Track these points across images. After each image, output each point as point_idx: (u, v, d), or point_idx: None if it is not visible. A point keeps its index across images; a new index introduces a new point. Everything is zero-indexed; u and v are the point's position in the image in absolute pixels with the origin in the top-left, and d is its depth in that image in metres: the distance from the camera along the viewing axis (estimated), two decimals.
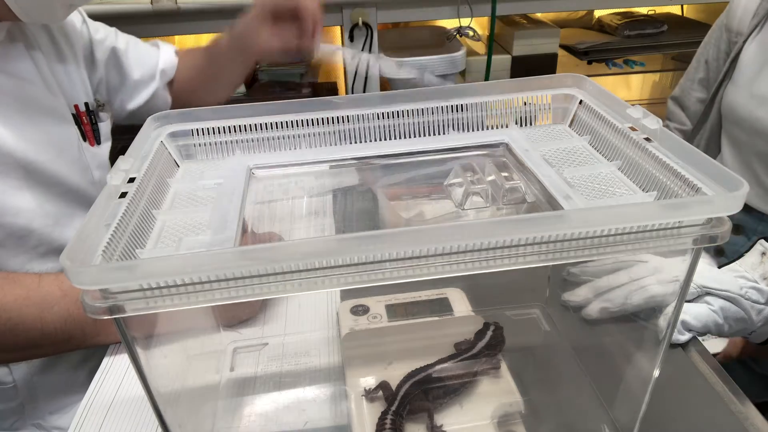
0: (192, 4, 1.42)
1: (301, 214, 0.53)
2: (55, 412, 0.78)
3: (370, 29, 1.55)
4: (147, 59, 0.91)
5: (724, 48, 0.99)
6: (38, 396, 0.76)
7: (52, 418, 0.77)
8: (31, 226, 0.71)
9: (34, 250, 0.72)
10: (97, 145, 0.83)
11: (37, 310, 0.60)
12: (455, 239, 0.35)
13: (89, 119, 0.82)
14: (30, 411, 0.76)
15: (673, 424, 0.53)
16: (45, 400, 0.77)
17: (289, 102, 0.52)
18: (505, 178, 0.47)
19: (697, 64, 1.04)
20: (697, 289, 0.59)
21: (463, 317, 0.65)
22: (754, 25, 0.92)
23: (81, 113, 0.80)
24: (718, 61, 1.00)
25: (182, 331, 0.53)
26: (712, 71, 1.02)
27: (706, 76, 1.03)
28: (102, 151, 0.84)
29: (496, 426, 0.53)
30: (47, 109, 0.74)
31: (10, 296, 0.59)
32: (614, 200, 0.42)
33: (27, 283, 0.61)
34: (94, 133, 0.82)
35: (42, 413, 0.77)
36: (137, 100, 0.91)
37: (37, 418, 0.77)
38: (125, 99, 0.90)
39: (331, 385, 0.59)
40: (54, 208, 0.74)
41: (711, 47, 1.02)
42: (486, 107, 0.54)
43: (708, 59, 1.02)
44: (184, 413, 0.48)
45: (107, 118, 0.86)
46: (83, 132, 0.81)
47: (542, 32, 1.72)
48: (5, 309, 0.59)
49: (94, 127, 0.82)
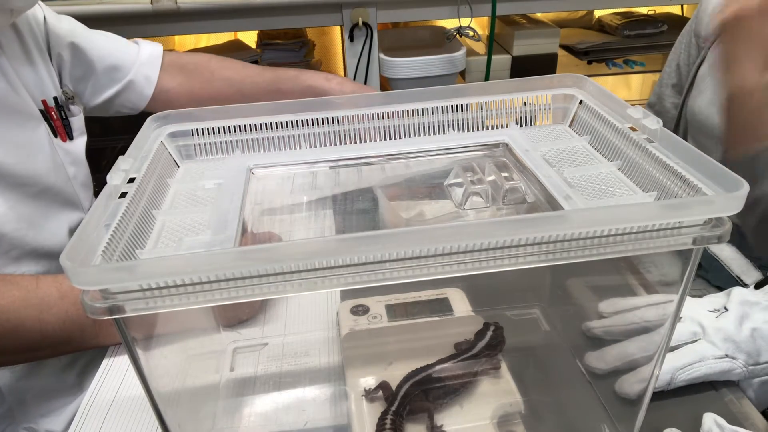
0: (192, 4, 1.42)
1: (301, 214, 0.53)
2: (47, 415, 0.76)
3: (370, 29, 1.55)
4: (117, 53, 0.89)
5: (693, 53, 0.97)
6: (27, 400, 0.75)
7: (44, 421, 0.76)
8: (1, 230, 0.68)
9: (6, 255, 0.70)
10: (70, 141, 0.81)
11: (35, 311, 0.59)
12: (455, 239, 0.35)
13: (59, 114, 0.79)
14: (20, 415, 0.75)
15: (673, 424, 0.53)
16: (34, 404, 0.75)
17: (289, 102, 0.52)
18: (505, 178, 0.47)
19: (670, 69, 1.02)
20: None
21: (463, 317, 0.65)
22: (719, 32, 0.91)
23: (50, 108, 0.78)
24: (689, 66, 0.97)
25: (182, 331, 0.53)
26: (684, 76, 0.99)
27: (679, 81, 1.00)
28: (76, 147, 0.82)
29: (496, 426, 0.53)
30: (12, 109, 0.72)
31: (8, 298, 0.59)
32: (614, 200, 0.42)
33: (24, 284, 0.60)
34: (65, 128, 0.80)
35: (33, 416, 0.76)
36: (104, 94, 0.89)
37: (28, 422, 0.76)
38: (91, 92, 0.88)
39: (331, 385, 0.59)
40: (27, 210, 0.72)
41: (682, 52, 0.99)
42: (486, 107, 0.54)
43: (680, 63, 1.00)
44: (184, 413, 0.48)
45: (79, 112, 0.84)
46: (54, 128, 0.78)
47: (542, 32, 1.72)
48: (4, 311, 0.58)
49: (65, 122, 0.80)
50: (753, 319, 0.56)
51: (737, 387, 0.57)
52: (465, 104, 0.54)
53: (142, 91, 0.91)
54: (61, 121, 0.80)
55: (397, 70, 1.58)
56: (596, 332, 0.57)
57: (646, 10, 1.90)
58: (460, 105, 0.54)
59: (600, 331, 0.57)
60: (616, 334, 0.55)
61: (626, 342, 0.54)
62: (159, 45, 0.94)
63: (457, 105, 0.54)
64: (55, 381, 0.77)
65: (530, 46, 1.71)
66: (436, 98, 0.53)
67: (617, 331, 0.55)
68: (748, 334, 0.55)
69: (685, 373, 0.55)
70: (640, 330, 0.52)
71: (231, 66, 0.96)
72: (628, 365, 0.53)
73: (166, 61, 0.94)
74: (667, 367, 0.54)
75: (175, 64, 0.94)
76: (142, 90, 0.91)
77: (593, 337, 0.57)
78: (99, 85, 0.88)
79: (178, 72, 0.94)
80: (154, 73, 0.91)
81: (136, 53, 0.91)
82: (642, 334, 0.52)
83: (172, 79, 0.94)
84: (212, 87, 0.94)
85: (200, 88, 0.95)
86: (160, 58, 0.93)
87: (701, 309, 0.58)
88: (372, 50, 1.58)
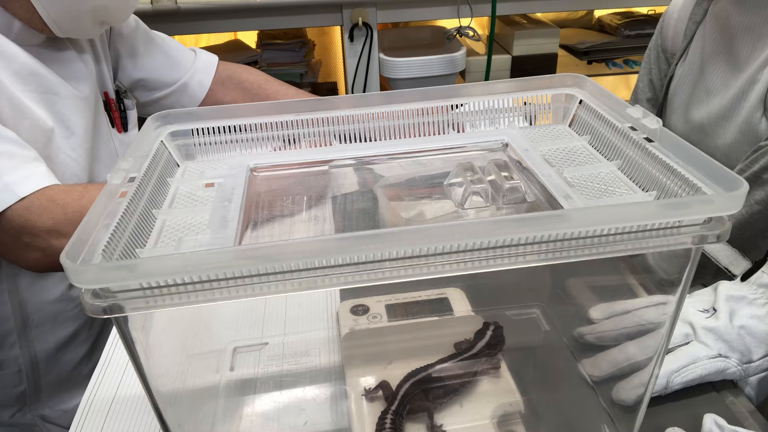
0: (192, 4, 1.42)
1: (301, 213, 0.53)
2: (56, 406, 0.79)
3: (370, 29, 1.55)
4: (174, 55, 0.93)
5: (664, 67, 0.95)
6: (42, 387, 0.77)
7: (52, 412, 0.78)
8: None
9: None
10: (125, 132, 0.85)
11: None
12: (455, 238, 0.35)
13: (117, 106, 0.84)
14: (32, 402, 0.77)
15: (674, 424, 0.53)
16: (47, 392, 0.78)
17: (289, 102, 0.52)
18: (505, 178, 0.47)
19: (643, 84, 1.00)
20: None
21: (463, 317, 0.65)
22: (684, 48, 0.88)
23: (110, 100, 0.83)
24: (661, 80, 0.96)
25: (182, 330, 0.53)
26: (658, 90, 0.97)
27: (654, 95, 0.99)
28: (129, 139, 0.86)
29: (496, 426, 0.53)
30: (91, 98, 0.77)
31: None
32: (614, 200, 0.42)
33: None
34: (122, 119, 0.85)
35: (44, 406, 0.78)
36: (157, 93, 0.93)
37: (38, 410, 0.78)
38: (144, 90, 0.92)
39: (331, 385, 0.59)
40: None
41: (653, 67, 0.97)
42: (486, 107, 0.54)
43: (653, 79, 0.98)
44: (184, 413, 0.48)
45: (133, 106, 0.88)
46: (112, 119, 0.83)
47: (542, 32, 1.72)
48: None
49: (122, 114, 0.85)
50: (740, 315, 0.56)
51: (737, 387, 0.57)
52: (465, 104, 0.54)
53: (195, 94, 0.95)
54: (119, 113, 0.84)
55: (397, 70, 1.58)
56: (588, 339, 0.57)
57: (646, 10, 1.91)
58: (459, 105, 0.54)
59: (592, 337, 0.57)
60: (608, 339, 0.55)
61: (622, 346, 0.54)
62: (215, 55, 0.98)
63: (457, 105, 0.54)
64: (70, 371, 0.78)
65: (530, 46, 1.71)
66: (435, 98, 0.53)
67: (610, 336, 0.55)
68: (737, 332, 0.55)
69: (681, 376, 0.54)
70: (637, 333, 0.52)
71: (287, 92, 0.99)
72: (624, 370, 0.53)
73: (224, 75, 0.97)
74: (662, 371, 0.54)
75: (233, 79, 0.98)
76: (194, 93, 0.95)
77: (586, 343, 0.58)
78: (153, 84, 0.92)
79: (235, 87, 0.98)
80: (207, 79, 0.95)
81: (193, 59, 0.95)
82: (639, 337, 0.52)
83: (227, 93, 0.97)
84: None
85: None
86: (215, 66, 0.96)
87: (691, 308, 0.58)
88: (372, 50, 1.58)
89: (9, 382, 0.76)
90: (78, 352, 0.80)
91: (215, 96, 0.96)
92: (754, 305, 0.56)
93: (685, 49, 0.88)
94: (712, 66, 0.82)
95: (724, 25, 0.81)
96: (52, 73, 0.72)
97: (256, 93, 0.98)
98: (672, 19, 0.92)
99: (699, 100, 0.84)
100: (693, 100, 0.86)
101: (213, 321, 0.65)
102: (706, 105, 0.83)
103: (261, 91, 0.98)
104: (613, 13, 1.95)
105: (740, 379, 0.57)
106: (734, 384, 0.57)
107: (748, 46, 0.77)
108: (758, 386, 0.58)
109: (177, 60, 0.93)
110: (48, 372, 0.78)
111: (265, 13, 1.50)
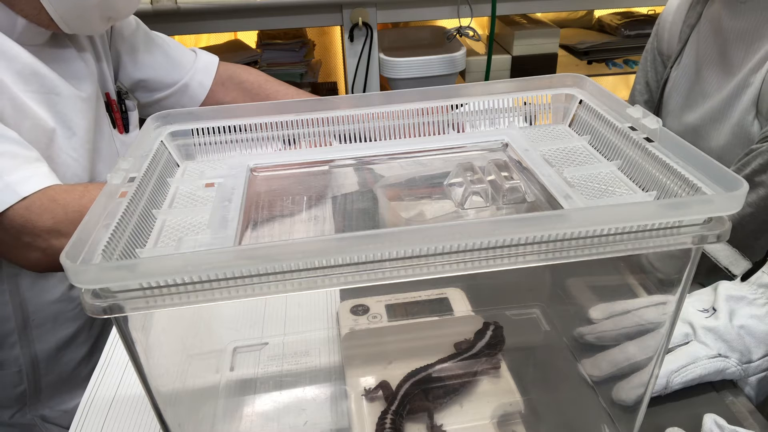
0: (192, 4, 1.42)
1: (301, 213, 0.53)
2: (56, 406, 0.79)
3: (370, 29, 1.55)
4: (174, 56, 0.93)
5: (660, 70, 0.95)
6: (42, 387, 0.77)
7: (53, 413, 0.79)
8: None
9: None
10: (126, 133, 0.85)
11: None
12: (455, 238, 0.35)
13: (119, 107, 0.84)
14: (32, 402, 0.77)
15: (674, 424, 0.53)
16: (47, 393, 0.78)
17: (289, 102, 0.52)
18: (505, 178, 0.47)
19: (640, 86, 0.99)
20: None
21: (463, 317, 0.65)
22: (679, 51, 0.88)
23: (112, 101, 0.83)
24: (657, 83, 0.96)
25: (182, 330, 0.53)
26: (654, 92, 0.97)
27: (651, 98, 0.98)
28: (130, 140, 0.86)
29: (496, 426, 0.53)
30: (93, 98, 0.77)
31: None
32: (614, 200, 0.42)
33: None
34: (123, 120, 0.85)
35: (43, 406, 0.78)
36: (158, 93, 0.93)
37: (37, 411, 0.78)
38: (145, 90, 0.92)
39: (331, 385, 0.59)
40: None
41: (649, 70, 0.97)
42: (486, 107, 0.54)
43: (649, 81, 0.98)
44: (184, 413, 0.48)
45: (134, 107, 0.88)
46: (114, 120, 0.83)
47: (542, 32, 1.72)
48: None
49: (123, 115, 0.85)
50: (739, 315, 0.56)
51: (737, 387, 0.57)
52: (465, 104, 0.54)
53: (195, 95, 0.95)
54: (120, 114, 0.84)
55: (397, 70, 1.58)
56: (588, 339, 0.57)
57: (646, 10, 1.91)
58: (459, 105, 0.54)
59: (592, 337, 0.57)
60: (608, 339, 0.55)
61: (622, 346, 0.53)
62: (215, 56, 0.98)
63: (457, 105, 0.54)
64: (70, 371, 0.79)
65: (530, 46, 1.71)
66: (435, 98, 0.53)
67: (610, 336, 0.55)
68: (737, 332, 0.55)
69: (680, 375, 0.54)
70: (637, 333, 0.52)
71: (287, 92, 0.99)
72: (624, 370, 0.53)
73: (225, 75, 0.97)
74: (661, 371, 0.54)
75: (234, 79, 0.98)
76: (194, 94, 0.95)
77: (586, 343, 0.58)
78: (154, 85, 0.92)
79: (235, 87, 0.98)
80: (208, 79, 0.95)
81: (194, 59, 0.95)
82: (639, 337, 0.52)
83: (227, 93, 0.97)
84: None
85: None
86: (216, 67, 0.97)
87: (690, 308, 0.58)
88: (372, 50, 1.58)
89: (9, 382, 0.76)
90: (78, 352, 0.80)
91: (216, 96, 0.96)
92: (754, 305, 0.56)
93: (679, 52, 0.88)
94: (706, 69, 0.82)
95: (717, 28, 0.81)
96: (53, 73, 0.72)
97: (256, 93, 0.98)
98: (667, 22, 0.92)
99: (693, 103, 0.84)
100: (687, 103, 0.86)
101: (213, 321, 0.65)
102: (700, 108, 0.83)
103: (261, 91, 0.98)
104: (613, 13, 1.95)
105: (740, 379, 0.57)
106: (734, 384, 0.57)
107: (740, 50, 0.77)
108: (758, 386, 0.58)
109: (177, 61, 0.93)
110: (48, 372, 0.78)
111: (265, 13, 1.50)
